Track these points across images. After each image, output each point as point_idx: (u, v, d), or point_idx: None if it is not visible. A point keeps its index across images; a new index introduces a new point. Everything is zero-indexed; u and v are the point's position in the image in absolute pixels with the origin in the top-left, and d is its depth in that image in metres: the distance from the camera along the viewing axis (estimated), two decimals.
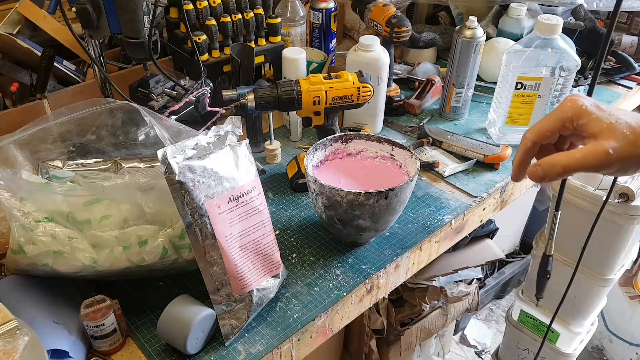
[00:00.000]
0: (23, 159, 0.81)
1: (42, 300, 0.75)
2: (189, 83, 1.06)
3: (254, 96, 0.94)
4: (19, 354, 0.58)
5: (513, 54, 1.11)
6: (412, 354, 1.51)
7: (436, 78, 1.32)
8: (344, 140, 0.94)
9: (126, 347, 0.75)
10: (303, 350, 0.81)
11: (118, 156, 0.91)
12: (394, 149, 0.94)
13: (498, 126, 1.18)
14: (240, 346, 0.75)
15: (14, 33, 1.11)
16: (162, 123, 0.82)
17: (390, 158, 0.94)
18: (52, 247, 0.72)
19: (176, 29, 1.20)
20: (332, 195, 0.81)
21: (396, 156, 0.94)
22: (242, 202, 0.75)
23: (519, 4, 1.41)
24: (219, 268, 0.72)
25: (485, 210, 1.07)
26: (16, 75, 1.16)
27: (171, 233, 0.76)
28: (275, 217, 0.97)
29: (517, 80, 1.09)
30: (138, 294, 0.82)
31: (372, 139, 0.95)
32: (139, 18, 0.91)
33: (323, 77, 0.96)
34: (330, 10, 1.35)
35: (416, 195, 1.04)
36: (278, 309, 0.81)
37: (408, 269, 0.95)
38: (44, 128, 0.81)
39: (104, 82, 1.04)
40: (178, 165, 0.69)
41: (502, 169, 1.11)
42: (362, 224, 0.84)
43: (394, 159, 0.94)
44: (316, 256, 0.90)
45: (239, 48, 1.13)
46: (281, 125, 1.23)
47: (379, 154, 0.95)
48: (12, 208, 0.72)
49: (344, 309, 0.85)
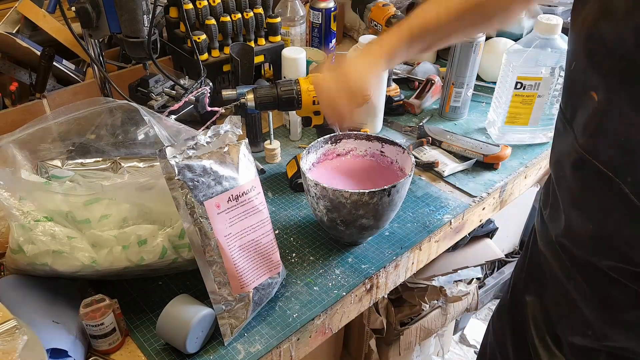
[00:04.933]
0: (22, 158, 0.81)
1: (41, 299, 0.75)
2: (189, 82, 1.06)
3: (254, 96, 0.94)
4: (18, 353, 0.58)
5: (513, 53, 1.11)
6: (411, 354, 1.51)
7: (436, 78, 1.32)
8: (334, 141, 0.94)
9: (125, 347, 0.75)
10: (302, 349, 0.81)
11: (117, 156, 0.91)
12: (383, 145, 0.94)
13: (498, 126, 1.18)
14: (240, 345, 0.75)
15: (14, 32, 1.11)
16: (162, 122, 0.82)
17: (380, 155, 0.94)
18: (52, 246, 0.72)
19: (176, 28, 1.20)
20: (335, 197, 0.81)
21: (386, 153, 0.94)
22: (242, 202, 0.75)
23: None
24: (218, 267, 0.72)
25: (485, 210, 1.07)
26: (16, 74, 1.16)
27: (170, 232, 0.76)
28: (274, 217, 0.97)
29: (517, 80, 1.09)
30: (137, 294, 0.82)
31: (360, 138, 0.95)
32: (138, 17, 0.91)
33: None
34: (330, 10, 1.35)
35: (416, 195, 1.04)
36: (277, 308, 0.81)
37: (407, 268, 0.95)
38: (44, 127, 0.81)
39: (104, 82, 1.04)
40: (177, 164, 0.69)
41: (501, 168, 1.11)
42: (365, 223, 0.84)
43: (384, 155, 0.94)
44: (316, 256, 0.90)
45: (238, 48, 1.13)
46: (281, 124, 1.23)
47: (368, 152, 0.95)
48: (12, 207, 0.72)
49: (344, 309, 0.85)
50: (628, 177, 0.56)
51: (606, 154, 0.59)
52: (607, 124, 0.58)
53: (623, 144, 0.56)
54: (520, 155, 1.15)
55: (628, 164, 0.57)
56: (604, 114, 0.58)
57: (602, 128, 0.59)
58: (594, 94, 0.58)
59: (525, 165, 1.13)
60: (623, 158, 0.57)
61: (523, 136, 1.17)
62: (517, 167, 1.12)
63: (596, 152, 0.60)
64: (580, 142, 0.62)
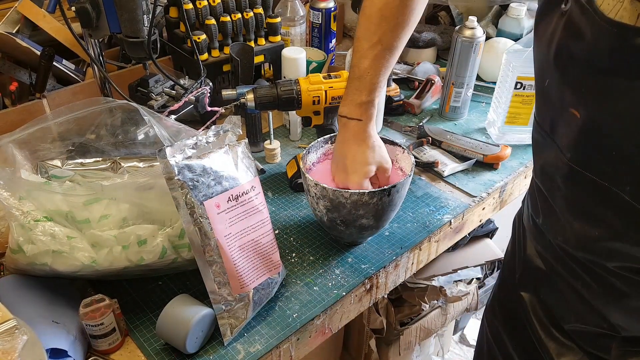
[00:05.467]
0: (22, 158, 0.81)
1: (41, 299, 0.75)
2: (189, 82, 1.06)
3: (254, 96, 0.94)
4: (18, 353, 0.58)
5: (513, 53, 1.11)
6: (411, 354, 1.51)
7: (436, 78, 1.32)
8: (334, 141, 0.94)
9: (125, 347, 0.75)
10: (302, 349, 0.81)
11: (117, 155, 0.91)
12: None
13: (497, 126, 1.18)
14: (240, 345, 0.75)
15: (14, 32, 1.11)
16: (162, 122, 0.82)
17: None
18: (51, 246, 0.72)
19: (176, 28, 1.20)
20: (335, 197, 0.81)
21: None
22: (242, 202, 0.75)
23: (519, 4, 1.41)
24: (218, 267, 0.72)
25: (485, 210, 1.07)
26: (15, 74, 1.16)
27: (170, 232, 0.76)
28: (274, 217, 0.97)
29: (517, 80, 1.09)
30: (137, 294, 0.82)
31: None
32: (138, 17, 0.91)
33: (323, 77, 0.96)
34: (330, 10, 1.35)
35: (416, 195, 1.04)
36: (277, 308, 0.81)
37: (407, 268, 0.95)
38: (43, 127, 0.81)
39: (104, 82, 1.04)
40: (177, 164, 0.69)
41: (501, 168, 1.11)
42: (365, 223, 0.84)
43: None
44: (315, 256, 0.90)
45: (238, 47, 1.12)
46: (281, 124, 1.23)
47: None
48: (11, 207, 0.72)
49: (343, 309, 0.85)
50: (627, 187, 0.55)
51: (600, 167, 0.58)
52: (596, 140, 0.57)
53: (616, 156, 0.56)
54: (520, 155, 1.15)
55: (624, 174, 0.56)
56: (590, 131, 0.57)
57: (591, 144, 0.58)
58: (575, 112, 0.57)
59: (525, 165, 1.13)
60: (618, 169, 0.56)
61: (523, 136, 1.17)
62: (517, 167, 1.12)
63: (589, 166, 0.59)
64: (569, 157, 0.61)
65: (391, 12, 0.77)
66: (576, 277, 0.69)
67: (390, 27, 0.78)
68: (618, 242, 0.60)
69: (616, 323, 0.66)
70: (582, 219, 0.63)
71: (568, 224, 0.66)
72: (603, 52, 0.52)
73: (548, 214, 0.70)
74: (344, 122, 0.84)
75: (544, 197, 0.70)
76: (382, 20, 0.77)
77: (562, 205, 0.66)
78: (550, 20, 0.60)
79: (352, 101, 0.82)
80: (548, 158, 0.66)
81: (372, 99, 0.81)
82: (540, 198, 0.72)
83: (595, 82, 0.54)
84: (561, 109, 0.61)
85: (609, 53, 0.52)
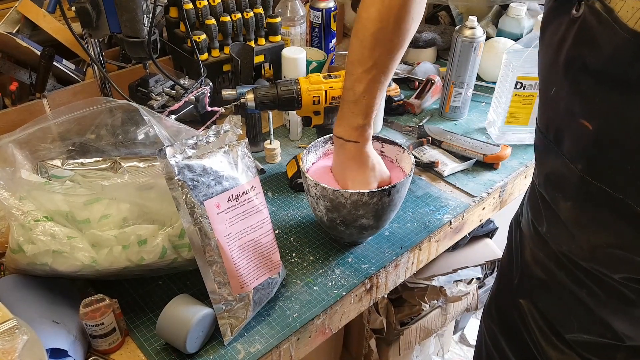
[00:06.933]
0: (22, 158, 0.81)
1: (41, 299, 0.75)
2: (189, 82, 1.06)
3: (254, 95, 0.94)
4: (18, 353, 0.58)
5: (513, 53, 1.11)
6: (411, 354, 1.51)
7: (436, 78, 1.32)
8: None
9: (125, 347, 0.75)
10: (302, 349, 0.81)
11: (117, 155, 0.91)
12: (383, 145, 0.94)
13: (498, 126, 1.18)
14: (240, 345, 0.75)
15: (14, 32, 1.11)
16: (162, 122, 0.82)
17: (381, 155, 0.94)
18: (52, 246, 0.72)
19: (176, 28, 1.20)
20: (335, 197, 0.81)
21: (386, 152, 0.94)
22: (242, 202, 0.75)
23: (519, 3, 1.41)
24: (218, 267, 0.72)
25: (485, 209, 1.07)
26: (16, 74, 1.16)
27: (170, 232, 0.76)
28: (274, 217, 0.97)
29: (517, 80, 1.09)
30: (137, 293, 0.82)
31: None
32: (138, 17, 0.91)
33: (323, 77, 0.96)
34: (330, 9, 1.35)
35: (416, 194, 1.04)
36: (277, 308, 0.81)
37: (407, 268, 0.95)
38: (44, 127, 0.81)
39: (104, 82, 1.04)
40: (177, 164, 0.69)
41: (501, 168, 1.11)
42: (365, 223, 0.84)
43: (384, 155, 0.94)
44: (316, 255, 0.90)
45: (238, 47, 1.12)
46: (281, 124, 1.23)
47: None
48: (12, 207, 0.72)
49: (343, 309, 0.85)
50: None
51: (613, 179, 0.56)
52: (609, 153, 0.55)
53: (631, 169, 0.54)
54: (520, 155, 1.15)
55: (639, 187, 0.54)
56: (603, 143, 0.55)
57: (605, 156, 0.56)
58: (586, 123, 0.56)
59: (525, 165, 1.13)
60: (632, 181, 0.55)
61: (523, 136, 1.17)
62: (517, 167, 1.12)
63: (600, 177, 0.57)
64: (580, 168, 0.59)
65: (386, 36, 0.74)
66: (581, 285, 0.67)
67: (385, 50, 0.75)
68: (628, 253, 0.59)
69: (621, 332, 0.65)
70: (590, 229, 0.62)
71: (575, 234, 0.64)
72: (622, 64, 0.50)
73: (553, 223, 0.69)
74: (341, 143, 0.82)
75: (547, 206, 0.68)
76: (376, 45, 0.74)
77: (569, 215, 0.65)
78: (559, 25, 0.58)
79: (348, 124, 0.80)
80: (554, 167, 0.65)
81: (368, 121, 0.80)
82: (543, 206, 0.70)
83: (611, 93, 0.52)
84: (569, 119, 0.59)
85: (629, 65, 0.50)
